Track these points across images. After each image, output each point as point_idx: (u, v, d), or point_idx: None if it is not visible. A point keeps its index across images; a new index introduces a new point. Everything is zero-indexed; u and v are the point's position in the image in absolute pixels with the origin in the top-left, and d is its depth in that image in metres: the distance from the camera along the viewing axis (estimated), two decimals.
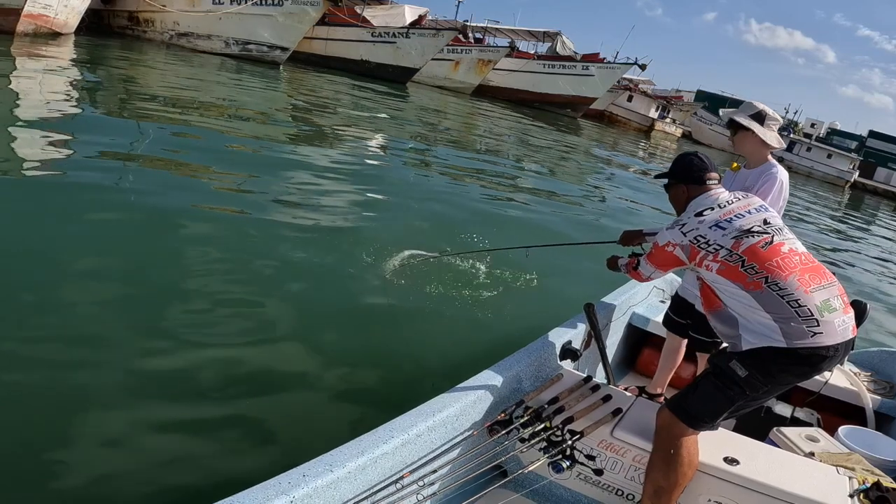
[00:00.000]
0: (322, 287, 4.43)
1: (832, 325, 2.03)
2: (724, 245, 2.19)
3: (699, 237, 2.25)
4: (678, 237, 2.32)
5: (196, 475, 2.27)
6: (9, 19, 15.19)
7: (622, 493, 2.34)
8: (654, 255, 2.45)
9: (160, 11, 22.66)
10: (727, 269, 2.17)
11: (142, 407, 2.78)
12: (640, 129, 42.99)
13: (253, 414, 2.88)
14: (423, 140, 13.94)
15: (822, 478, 2.19)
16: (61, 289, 3.62)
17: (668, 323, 3.19)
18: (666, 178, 2.54)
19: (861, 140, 50.95)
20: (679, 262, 2.35)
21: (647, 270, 2.54)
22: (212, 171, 6.88)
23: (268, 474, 1.71)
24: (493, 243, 5.28)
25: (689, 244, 2.27)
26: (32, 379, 2.84)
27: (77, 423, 2.57)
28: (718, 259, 2.19)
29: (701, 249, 2.24)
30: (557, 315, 3.21)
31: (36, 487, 2.27)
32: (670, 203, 2.57)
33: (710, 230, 2.24)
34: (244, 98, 13.90)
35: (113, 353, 3.10)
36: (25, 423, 2.57)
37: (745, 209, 2.31)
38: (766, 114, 2.79)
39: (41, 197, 5.01)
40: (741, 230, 2.21)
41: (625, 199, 11.42)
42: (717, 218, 2.27)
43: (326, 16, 25.23)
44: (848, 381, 3.21)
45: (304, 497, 1.68)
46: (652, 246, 2.50)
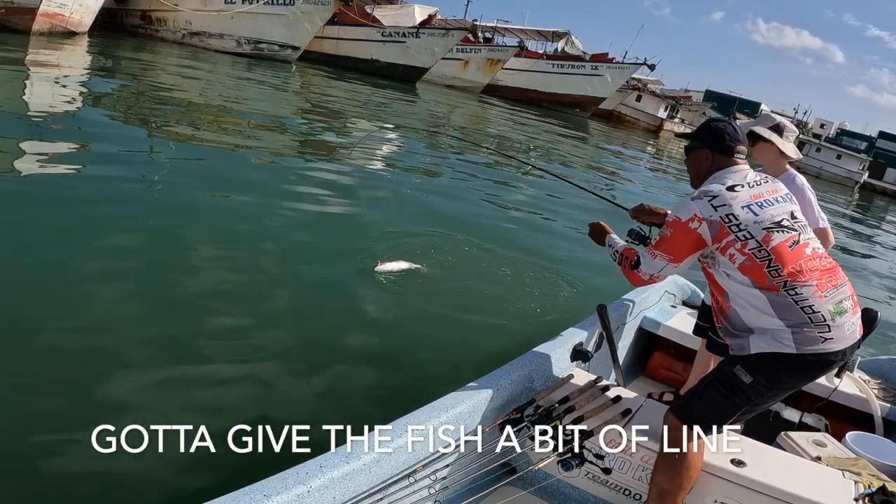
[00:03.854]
0: (336, 284, 4.46)
1: (842, 330, 1.99)
2: (754, 234, 2.00)
3: (731, 215, 2.01)
4: (707, 210, 2.04)
5: (214, 466, 2.30)
6: (25, 18, 15.38)
7: (629, 492, 2.37)
8: (670, 238, 2.10)
9: (172, 10, 22.84)
10: (752, 265, 2.00)
11: (157, 398, 2.81)
12: (649, 129, 42.84)
13: (269, 407, 2.93)
14: (432, 138, 13.98)
15: (829, 481, 2.20)
16: (69, 287, 3.64)
17: (696, 330, 3.23)
18: (690, 138, 2.27)
19: (871, 141, 50.53)
20: (699, 244, 2.06)
21: (652, 267, 2.15)
22: (219, 169, 6.96)
23: (284, 465, 1.75)
24: (500, 237, 5.29)
25: (718, 221, 2.02)
26: (49, 372, 2.88)
27: (80, 414, 2.60)
28: (746, 251, 2.00)
29: (730, 232, 2.01)
30: (569, 315, 3.23)
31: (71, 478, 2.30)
32: (687, 168, 2.30)
33: (743, 211, 2.02)
34: (255, 96, 14.00)
35: (116, 352, 3.13)
36: (48, 414, 2.61)
37: (773, 194, 2.12)
38: (785, 126, 2.86)
39: (58, 194, 5.08)
40: (772, 221, 2.02)
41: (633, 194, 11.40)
42: (749, 199, 2.05)
43: (337, 15, 25.32)
44: (857, 388, 3.22)
45: (321, 487, 1.73)
46: (664, 226, 2.15)
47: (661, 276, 2.18)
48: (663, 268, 2.14)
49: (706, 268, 2.15)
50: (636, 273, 2.20)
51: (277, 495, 1.63)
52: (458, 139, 14.06)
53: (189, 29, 23.44)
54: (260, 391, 3.07)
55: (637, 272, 2.19)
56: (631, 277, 2.24)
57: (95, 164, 6.00)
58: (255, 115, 11.61)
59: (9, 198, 4.73)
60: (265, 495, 1.61)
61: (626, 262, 2.24)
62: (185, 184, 6.06)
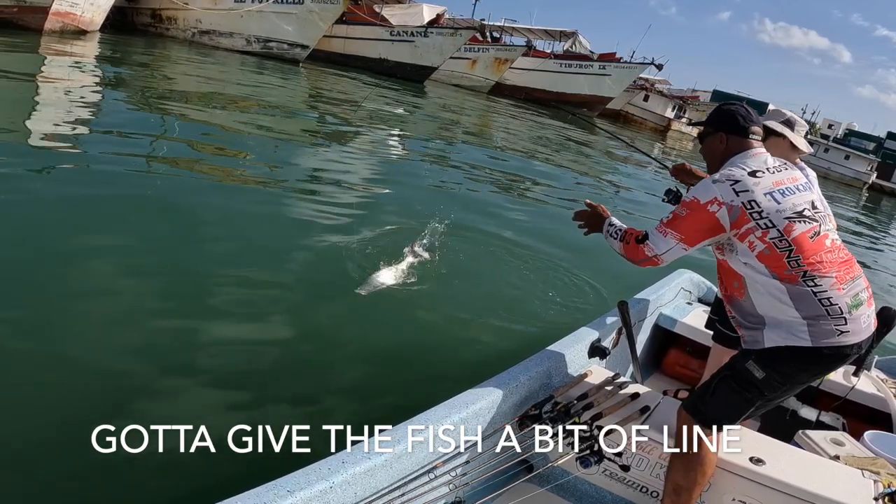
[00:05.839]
0: (355, 281, 4.44)
1: (858, 322, 1.96)
2: (776, 224, 1.94)
3: (753, 202, 1.95)
4: (728, 194, 1.96)
5: (214, 466, 2.25)
6: (37, 17, 15.50)
7: (647, 490, 2.37)
8: (684, 219, 2.00)
9: (183, 9, 22.98)
10: (772, 255, 1.94)
11: (157, 397, 2.80)
12: (657, 129, 42.71)
13: (288, 404, 2.95)
14: (441, 137, 14.00)
15: (848, 480, 2.19)
16: (69, 286, 3.60)
17: (709, 324, 3.23)
18: (703, 125, 2.22)
19: (879, 141, 50.20)
20: (716, 229, 1.98)
21: (660, 246, 2.02)
22: (228, 166, 6.99)
23: (284, 465, 1.75)
24: (512, 234, 5.27)
25: (740, 207, 1.94)
26: (68, 365, 2.89)
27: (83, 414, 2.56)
28: (767, 240, 1.94)
29: (751, 219, 1.94)
30: (587, 312, 3.22)
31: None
32: (703, 157, 2.24)
33: (765, 198, 1.96)
34: (265, 94, 14.05)
35: (116, 352, 3.09)
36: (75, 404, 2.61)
37: (793, 182, 2.06)
38: (795, 121, 2.85)
39: (71, 186, 5.12)
40: (794, 211, 1.97)
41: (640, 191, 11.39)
42: (771, 185, 1.99)
43: (345, 14, 25.36)
44: (875, 387, 3.21)
45: (343, 483, 1.74)
46: (680, 205, 2.06)
47: (667, 258, 2.05)
48: (671, 248, 2.02)
49: (720, 254, 2.08)
50: (640, 248, 2.05)
51: (301, 491, 1.64)
52: (470, 137, 14.02)
53: (199, 27, 23.55)
54: (260, 391, 3.03)
55: (642, 247, 2.05)
56: (633, 253, 2.10)
57: (104, 164, 6.01)
58: (263, 111, 11.64)
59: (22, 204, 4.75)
60: (288, 491, 1.62)
61: (630, 237, 2.11)
62: (187, 183, 6.08)
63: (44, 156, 5.89)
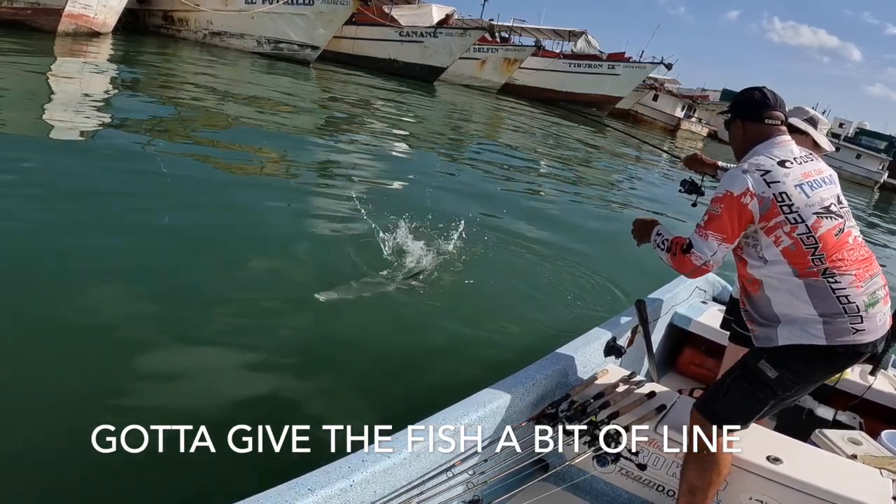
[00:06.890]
0: (369, 279, 4.41)
1: (874, 321, 1.94)
2: (805, 219, 1.90)
3: (784, 194, 1.89)
4: (760, 185, 1.90)
5: (214, 466, 2.22)
6: (51, 19, 15.65)
7: (663, 489, 2.37)
8: (720, 216, 1.92)
9: (194, 10, 23.11)
10: (797, 251, 1.90)
11: (157, 397, 2.80)
12: (666, 129, 42.48)
13: (293, 404, 2.95)
14: (452, 135, 14.02)
15: (866, 479, 2.19)
16: (69, 284, 3.61)
17: (724, 324, 3.22)
18: (728, 111, 2.18)
19: (891, 140, 49.59)
20: (748, 222, 1.92)
21: (706, 250, 1.94)
22: (236, 166, 7.02)
23: (284, 465, 1.77)
24: (525, 232, 5.24)
25: (770, 199, 1.89)
26: (69, 365, 2.89)
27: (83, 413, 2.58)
28: (794, 236, 1.90)
29: (781, 212, 1.89)
30: (602, 311, 3.21)
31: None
32: (730, 145, 2.18)
33: (796, 190, 1.90)
34: (276, 95, 14.12)
35: (116, 352, 3.09)
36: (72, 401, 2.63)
37: (819, 174, 2.01)
38: (819, 118, 2.83)
39: (85, 180, 5.16)
40: (822, 206, 1.93)
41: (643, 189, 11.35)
42: (800, 177, 1.94)
43: (355, 15, 25.40)
44: (892, 387, 3.19)
45: (363, 481, 1.76)
46: (712, 202, 1.97)
47: (716, 260, 1.97)
48: (717, 249, 1.94)
49: (738, 247, 2.02)
50: (687, 258, 1.99)
51: (322, 489, 1.66)
52: (480, 136, 14.02)
53: (210, 29, 23.68)
54: (260, 391, 3.03)
55: (689, 256, 1.98)
56: (682, 264, 2.02)
57: (116, 161, 6.06)
58: (274, 111, 11.71)
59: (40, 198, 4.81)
60: (309, 489, 1.64)
61: (675, 248, 2.04)
62: (200, 176, 6.11)
63: (60, 148, 5.96)
